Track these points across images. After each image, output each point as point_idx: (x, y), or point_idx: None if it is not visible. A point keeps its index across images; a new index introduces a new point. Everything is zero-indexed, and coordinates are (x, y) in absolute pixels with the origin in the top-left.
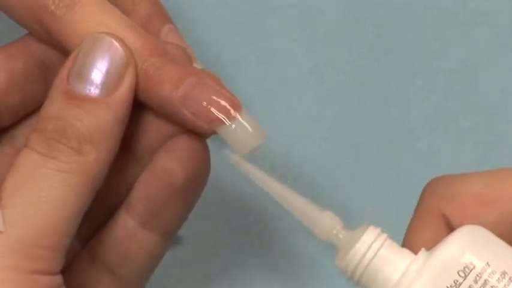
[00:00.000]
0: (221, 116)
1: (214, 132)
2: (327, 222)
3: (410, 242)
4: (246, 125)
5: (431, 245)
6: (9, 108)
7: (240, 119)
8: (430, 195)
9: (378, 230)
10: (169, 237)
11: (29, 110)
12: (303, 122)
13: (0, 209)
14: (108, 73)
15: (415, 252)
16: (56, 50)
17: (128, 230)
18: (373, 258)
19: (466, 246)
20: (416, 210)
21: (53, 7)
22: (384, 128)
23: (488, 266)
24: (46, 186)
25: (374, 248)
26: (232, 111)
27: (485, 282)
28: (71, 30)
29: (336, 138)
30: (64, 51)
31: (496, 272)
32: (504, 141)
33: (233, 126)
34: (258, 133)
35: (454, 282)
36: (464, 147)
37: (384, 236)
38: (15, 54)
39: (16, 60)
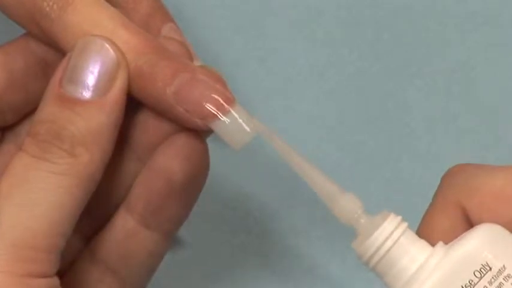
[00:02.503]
0: (214, 111)
1: (210, 129)
2: (348, 205)
3: (426, 231)
4: (239, 119)
5: (447, 236)
6: (11, 107)
7: (234, 113)
8: (449, 185)
9: (398, 219)
10: (170, 236)
11: (32, 107)
12: (303, 122)
13: None
14: (99, 75)
15: (431, 242)
16: (55, 50)
17: (128, 230)
18: (391, 247)
19: (484, 246)
20: (433, 199)
21: (47, 9)
22: (383, 128)
23: (505, 268)
24: (39, 188)
25: (394, 237)
26: (225, 105)
27: (500, 284)
28: (66, 31)
29: (336, 138)
30: (61, 52)
31: (511, 276)
32: (504, 141)
33: (226, 121)
34: (251, 127)
35: (469, 282)
36: (464, 147)
37: (404, 225)
38: (15, 52)
39: (16, 59)
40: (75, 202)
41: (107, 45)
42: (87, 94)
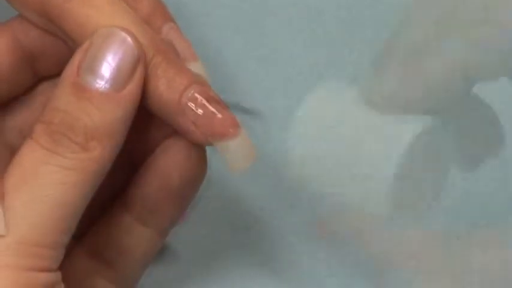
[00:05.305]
0: (221, 132)
1: (209, 144)
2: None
3: None
4: (242, 145)
5: None
6: None
7: (239, 138)
8: None
9: None
10: (165, 233)
11: (14, 96)
12: (302, 121)
13: (2, 211)
14: (119, 68)
15: None
16: (55, 37)
17: (125, 226)
18: None
19: None
20: None
21: None
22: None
23: None
24: (48, 184)
25: None
26: (231, 129)
27: None
28: (78, 19)
29: (336, 138)
30: (65, 39)
31: None
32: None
33: (230, 144)
34: (251, 155)
35: None
36: None
37: None
38: (2, 42)
39: (2, 49)
40: (82, 197)
41: (129, 39)
42: (105, 86)
